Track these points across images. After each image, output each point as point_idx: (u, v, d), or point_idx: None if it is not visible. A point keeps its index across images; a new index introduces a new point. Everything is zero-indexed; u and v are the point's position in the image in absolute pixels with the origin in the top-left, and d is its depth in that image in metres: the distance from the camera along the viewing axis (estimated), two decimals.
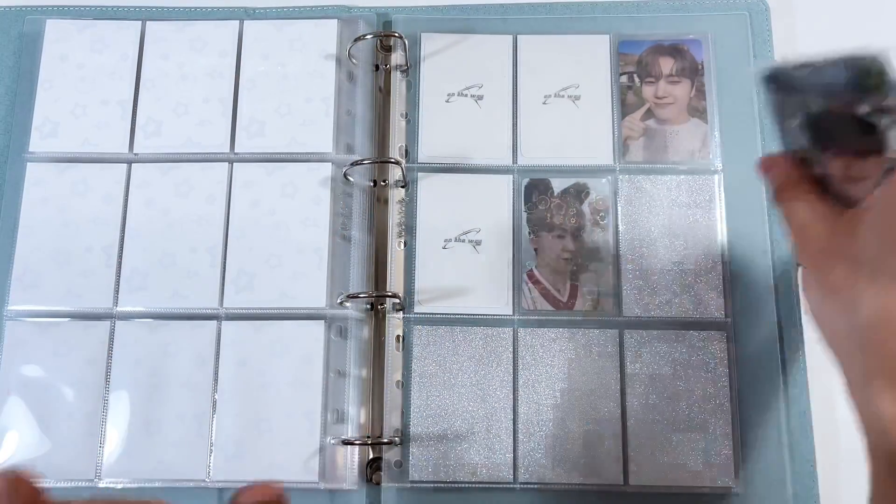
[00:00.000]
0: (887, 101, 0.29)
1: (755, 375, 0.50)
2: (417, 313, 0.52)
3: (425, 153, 0.54)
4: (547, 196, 0.54)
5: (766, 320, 0.51)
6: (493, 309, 0.52)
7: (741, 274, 0.52)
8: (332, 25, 0.56)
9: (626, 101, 0.55)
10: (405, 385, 0.50)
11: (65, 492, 0.48)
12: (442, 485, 0.49)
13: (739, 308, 0.51)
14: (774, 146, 0.54)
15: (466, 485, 0.49)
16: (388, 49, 0.57)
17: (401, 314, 0.52)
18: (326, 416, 0.49)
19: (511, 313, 0.52)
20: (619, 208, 0.53)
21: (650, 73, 0.56)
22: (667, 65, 0.56)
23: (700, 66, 0.55)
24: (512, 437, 0.49)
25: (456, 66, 0.56)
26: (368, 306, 0.52)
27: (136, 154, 0.54)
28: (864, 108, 0.29)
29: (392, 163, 0.53)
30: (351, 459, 0.49)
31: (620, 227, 0.53)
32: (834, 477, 0.49)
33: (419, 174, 0.54)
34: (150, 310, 0.51)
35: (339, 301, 0.51)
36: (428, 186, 0.54)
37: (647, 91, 0.55)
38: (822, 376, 0.51)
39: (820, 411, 0.50)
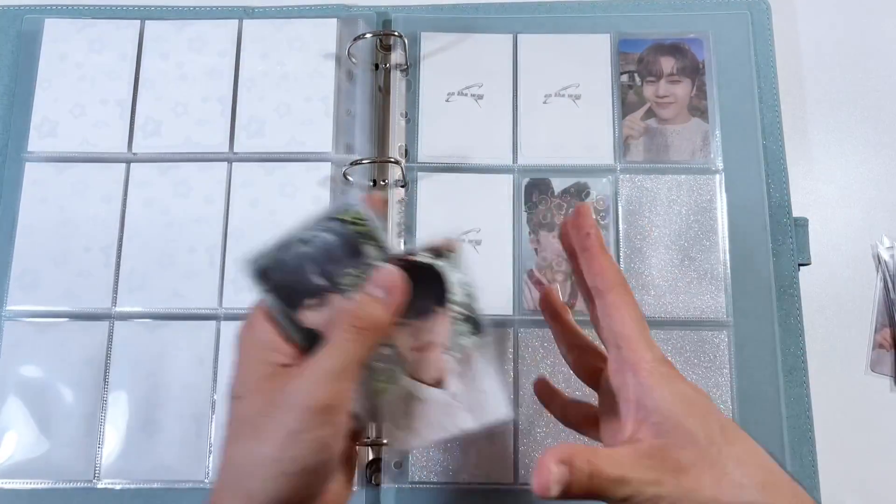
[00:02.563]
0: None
1: (755, 375, 0.50)
2: None
3: (425, 153, 0.54)
4: (547, 196, 0.53)
5: (766, 320, 0.51)
6: (494, 309, 0.51)
7: (741, 274, 0.51)
8: (331, 25, 0.56)
9: (626, 101, 0.55)
10: None
11: None
12: (442, 485, 0.49)
13: (739, 308, 0.51)
14: (775, 146, 0.54)
15: (466, 485, 0.49)
16: (387, 48, 0.56)
17: None
18: None
19: (511, 313, 0.51)
20: (620, 208, 0.53)
21: (651, 72, 0.55)
22: (667, 64, 0.55)
23: (701, 66, 0.55)
24: (512, 437, 0.49)
25: (456, 66, 0.56)
26: None
27: (134, 154, 0.54)
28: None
29: (392, 162, 0.53)
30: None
31: (620, 227, 0.53)
32: (835, 477, 0.49)
33: (419, 174, 0.54)
34: (148, 310, 0.51)
35: None
36: (428, 186, 0.54)
37: (648, 90, 0.55)
38: (823, 376, 0.51)
39: (820, 411, 0.50)
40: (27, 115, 0.54)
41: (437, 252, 0.35)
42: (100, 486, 0.49)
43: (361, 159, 0.52)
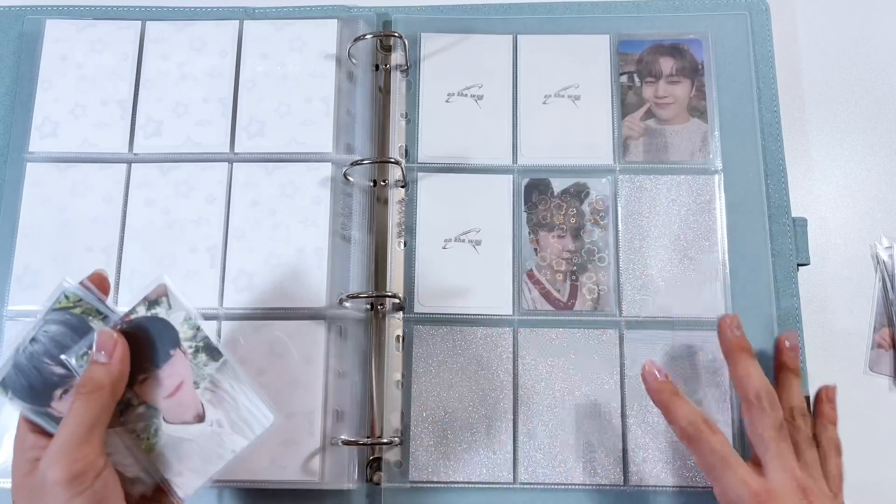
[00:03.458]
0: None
1: None
2: (417, 313, 0.52)
3: (425, 153, 0.54)
4: (547, 196, 0.54)
5: (766, 320, 0.51)
6: (493, 309, 0.52)
7: (740, 274, 0.52)
8: (332, 25, 0.56)
9: (626, 101, 0.55)
10: (405, 385, 0.50)
11: None
12: (442, 485, 0.49)
13: (739, 308, 0.51)
14: (774, 146, 0.54)
15: (466, 485, 0.49)
16: (388, 49, 0.57)
17: (401, 314, 0.52)
18: (326, 416, 0.49)
19: (511, 313, 0.52)
20: (619, 208, 0.53)
21: (650, 72, 0.56)
22: (667, 64, 0.56)
23: (700, 66, 0.55)
24: (512, 437, 0.49)
25: (456, 66, 0.56)
26: (368, 306, 0.52)
27: (135, 154, 0.54)
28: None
29: (392, 163, 0.53)
30: (351, 459, 0.49)
31: (620, 227, 0.53)
32: None
33: (419, 174, 0.54)
34: None
35: (339, 301, 0.51)
36: (428, 186, 0.54)
37: (648, 91, 0.55)
38: (822, 376, 0.51)
39: None
40: (28, 116, 0.54)
41: (152, 301, 0.38)
42: None
43: (362, 160, 0.52)
